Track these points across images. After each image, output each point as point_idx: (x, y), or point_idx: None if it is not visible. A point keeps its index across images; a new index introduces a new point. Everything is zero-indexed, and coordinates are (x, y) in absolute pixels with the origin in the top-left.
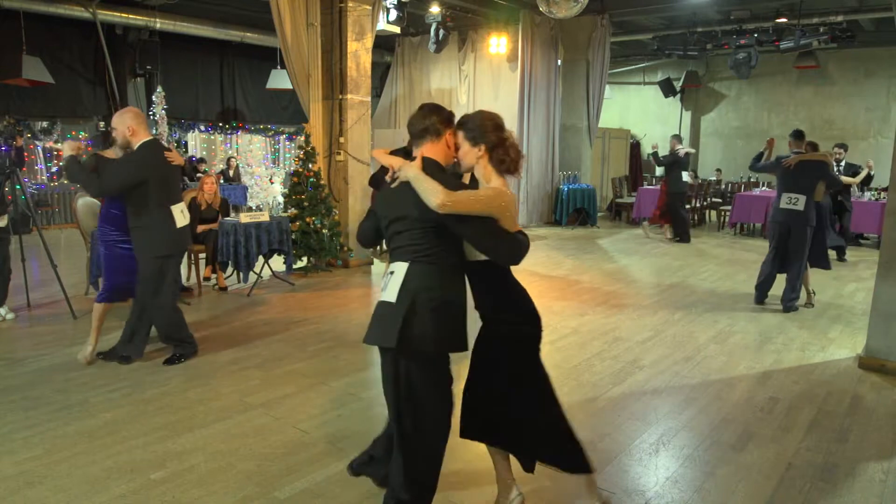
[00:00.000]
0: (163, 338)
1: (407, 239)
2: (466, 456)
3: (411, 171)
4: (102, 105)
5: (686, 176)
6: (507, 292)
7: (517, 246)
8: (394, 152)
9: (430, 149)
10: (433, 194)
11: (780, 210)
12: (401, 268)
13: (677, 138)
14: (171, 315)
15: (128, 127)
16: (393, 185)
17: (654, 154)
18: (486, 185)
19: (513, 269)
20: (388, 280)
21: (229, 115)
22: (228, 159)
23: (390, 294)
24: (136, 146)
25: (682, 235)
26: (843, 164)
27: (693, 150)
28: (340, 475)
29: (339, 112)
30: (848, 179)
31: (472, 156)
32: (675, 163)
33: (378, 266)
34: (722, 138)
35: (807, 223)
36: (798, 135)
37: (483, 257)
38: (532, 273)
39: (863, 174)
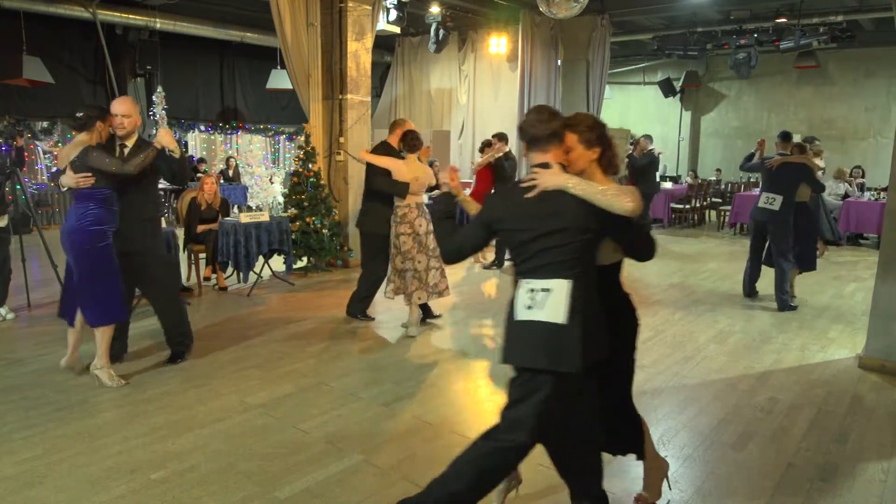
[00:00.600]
0: (174, 336)
1: (564, 253)
2: None
3: (570, 180)
4: (103, 105)
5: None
6: (620, 290)
7: (654, 244)
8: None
9: (558, 154)
10: (621, 199)
11: (758, 209)
12: (561, 285)
13: (649, 138)
14: (182, 309)
15: (138, 116)
16: (528, 196)
17: (631, 157)
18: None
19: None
20: (544, 298)
21: (229, 115)
22: (227, 159)
23: (555, 314)
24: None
25: None
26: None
27: (662, 151)
28: (340, 475)
29: (339, 112)
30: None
31: (585, 159)
32: (651, 164)
33: None
34: (722, 138)
35: (784, 223)
36: (784, 136)
37: (610, 261)
38: None
39: None
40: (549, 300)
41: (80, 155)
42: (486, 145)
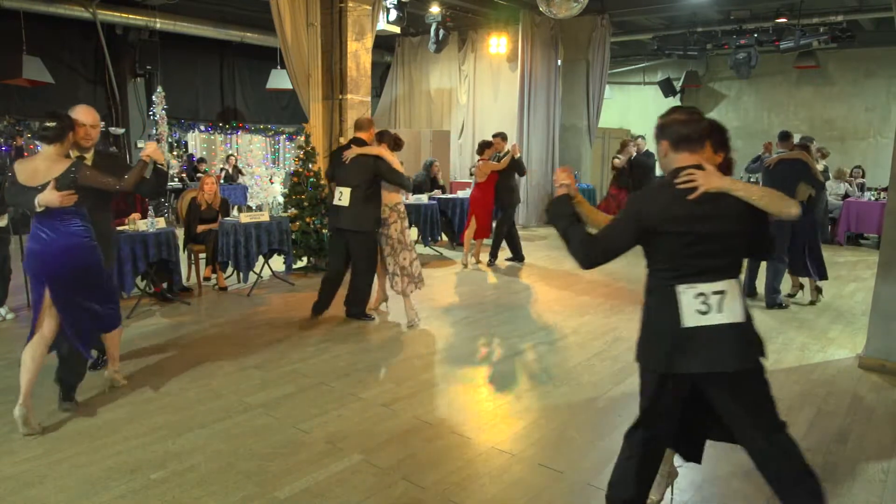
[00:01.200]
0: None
1: (729, 255)
2: (466, 456)
3: (733, 183)
4: (102, 105)
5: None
6: None
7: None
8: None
9: (706, 156)
10: (784, 203)
11: None
12: (732, 285)
13: (643, 139)
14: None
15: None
16: (690, 197)
17: (637, 157)
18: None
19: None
20: (720, 301)
21: (229, 115)
22: (227, 157)
23: (736, 314)
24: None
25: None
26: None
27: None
28: (340, 475)
29: (339, 112)
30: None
31: (712, 163)
32: (649, 167)
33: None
34: None
35: (779, 222)
36: (783, 136)
37: None
38: (532, 273)
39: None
40: (725, 302)
41: (69, 171)
42: (485, 146)
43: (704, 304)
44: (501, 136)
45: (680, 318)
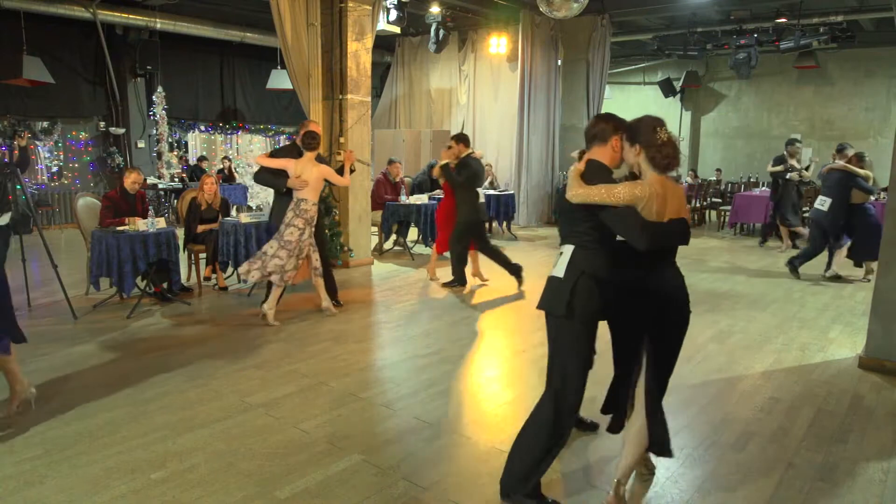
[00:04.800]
0: None
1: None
2: (466, 456)
3: (571, 170)
4: (102, 105)
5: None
6: None
7: (643, 234)
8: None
9: (596, 152)
10: (569, 187)
11: (813, 209)
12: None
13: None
14: None
15: None
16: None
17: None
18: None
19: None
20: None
21: (229, 115)
22: (223, 159)
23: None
24: None
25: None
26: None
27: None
28: (340, 475)
29: (339, 112)
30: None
31: (631, 155)
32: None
33: (378, 266)
34: (722, 138)
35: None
36: (839, 148)
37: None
38: (532, 273)
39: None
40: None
41: None
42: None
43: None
44: (457, 138)
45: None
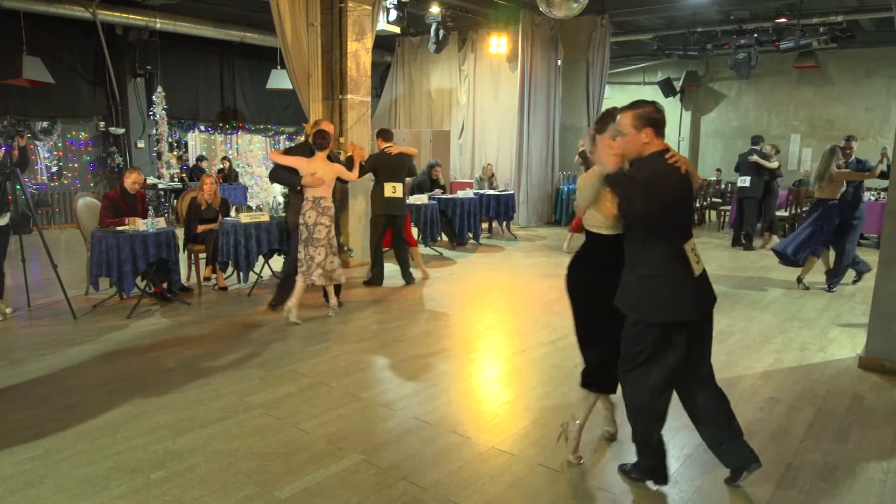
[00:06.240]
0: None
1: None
2: (466, 456)
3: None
4: (102, 105)
5: None
6: None
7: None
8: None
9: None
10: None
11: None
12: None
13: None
14: None
15: None
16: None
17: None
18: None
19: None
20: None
21: (229, 115)
22: (222, 159)
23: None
24: None
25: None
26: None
27: None
28: (340, 475)
29: (339, 112)
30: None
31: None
32: None
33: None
34: (722, 138)
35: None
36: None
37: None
38: (532, 272)
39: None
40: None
41: None
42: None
43: (696, 256)
44: (378, 133)
45: (688, 269)
